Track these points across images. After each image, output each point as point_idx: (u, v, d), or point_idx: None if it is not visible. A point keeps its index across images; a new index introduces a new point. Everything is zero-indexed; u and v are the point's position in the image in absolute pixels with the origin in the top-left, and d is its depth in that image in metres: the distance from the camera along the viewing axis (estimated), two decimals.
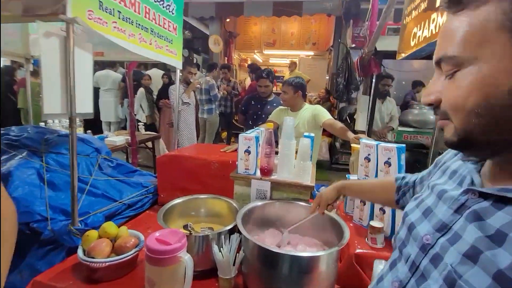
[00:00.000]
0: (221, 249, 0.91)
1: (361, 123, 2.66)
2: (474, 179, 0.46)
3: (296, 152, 1.21)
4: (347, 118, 4.05)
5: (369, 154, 1.19)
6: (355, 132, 1.94)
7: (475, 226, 0.39)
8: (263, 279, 0.87)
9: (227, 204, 1.22)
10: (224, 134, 5.70)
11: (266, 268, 0.85)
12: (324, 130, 2.13)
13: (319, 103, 4.61)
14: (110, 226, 1.06)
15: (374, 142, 1.18)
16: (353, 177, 1.29)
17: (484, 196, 0.41)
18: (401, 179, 0.76)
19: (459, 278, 0.37)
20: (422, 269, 0.45)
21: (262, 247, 0.83)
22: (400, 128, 3.65)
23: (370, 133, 2.59)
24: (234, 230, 1.00)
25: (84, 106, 1.27)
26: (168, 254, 0.80)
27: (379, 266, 0.89)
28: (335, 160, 4.72)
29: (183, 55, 2.09)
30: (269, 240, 1.03)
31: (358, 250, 1.02)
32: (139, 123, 3.71)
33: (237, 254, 0.94)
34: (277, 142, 1.22)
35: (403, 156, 1.08)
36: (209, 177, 1.51)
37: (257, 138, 1.22)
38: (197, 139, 4.15)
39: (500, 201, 0.39)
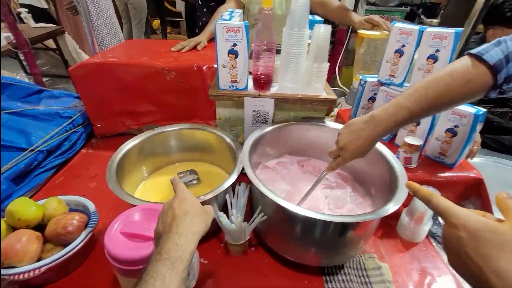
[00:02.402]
0: (231, 216, 0.60)
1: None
2: None
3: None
4: None
5: (403, 46, 0.85)
6: None
7: None
8: (288, 240, 0.63)
9: (213, 136, 0.84)
10: (156, 23, 4.45)
11: (292, 231, 0.60)
12: None
13: None
14: (23, 206, 0.62)
15: (415, 27, 0.82)
16: (370, 78, 0.97)
17: None
18: (492, 54, 0.46)
19: None
20: None
21: (289, 210, 0.54)
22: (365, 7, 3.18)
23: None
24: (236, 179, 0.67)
25: None
26: None
27: None
28: None
29: None
30: (291, 188, 0.76)
31: None
32: (21, 10, 2.44)
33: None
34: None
35: (457, 46, 0.78)
36: (165, 93, 1.03)
37: (246, 27, 0.73)
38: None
39: None
